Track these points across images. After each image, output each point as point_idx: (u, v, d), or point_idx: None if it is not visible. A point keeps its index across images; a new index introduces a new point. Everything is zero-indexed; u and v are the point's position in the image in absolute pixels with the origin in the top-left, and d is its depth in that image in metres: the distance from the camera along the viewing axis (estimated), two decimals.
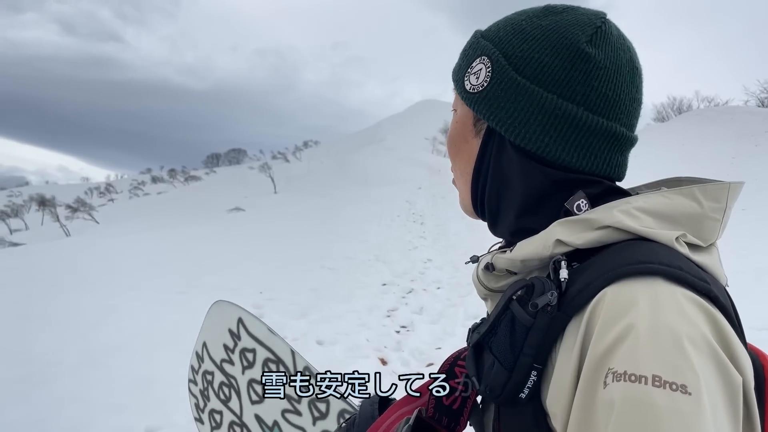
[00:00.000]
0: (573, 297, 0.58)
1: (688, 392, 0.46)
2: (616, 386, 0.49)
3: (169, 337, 4.92)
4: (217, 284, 7.00)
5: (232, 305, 1.53)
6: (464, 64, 0.78)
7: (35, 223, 41.30)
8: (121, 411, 3.57)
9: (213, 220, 18.55)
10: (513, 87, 0.70)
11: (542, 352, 0.59)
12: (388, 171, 34.97)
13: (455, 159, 0.82)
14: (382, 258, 9.57)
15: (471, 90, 0.75)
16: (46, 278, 7.12)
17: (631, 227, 0.61)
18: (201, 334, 1.61)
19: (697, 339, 0.50)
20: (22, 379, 3.92)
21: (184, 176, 65.43)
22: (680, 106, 43.14)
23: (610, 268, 0.57)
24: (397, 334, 5.45)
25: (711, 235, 0.65)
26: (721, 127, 24.65)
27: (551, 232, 0.66)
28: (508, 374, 0.60)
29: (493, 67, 0.72)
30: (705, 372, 0.48)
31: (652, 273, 0.55)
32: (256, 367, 1.42)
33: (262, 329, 1.44)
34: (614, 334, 0.51)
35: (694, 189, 0.65)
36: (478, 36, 0.78)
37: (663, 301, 0.52)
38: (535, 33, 0.71)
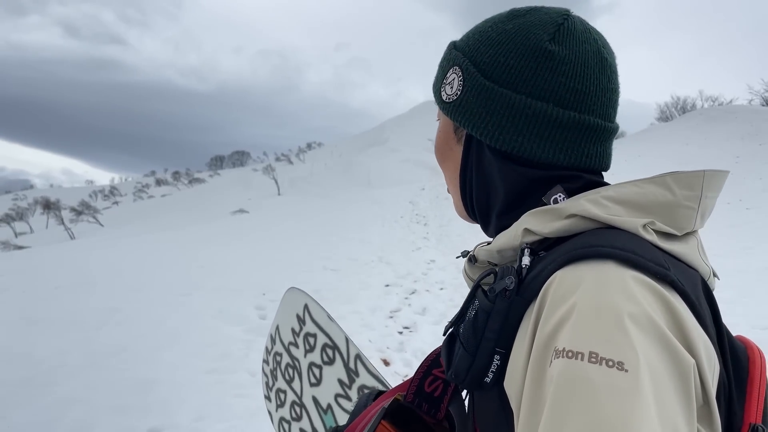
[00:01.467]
0: (530, 282, 0.60)
1: (624, 369, 0.46)
2: (557, 362, 0.50)
3: (173, 339, 4.94)
4: (220, 286, 7.00)
5: (301, 292, 1.60)
6: (440, 76, 0.82)
7: (40, 226, 41.46)
8: (125, 412, 3.58)
9: (217, 222, 18.58)
10: (483, 92, 0.73)
11: (504, 336, 0.61)
12: (392, 172, 34.96)
13: (443, 166, 0.86)
14: (385, 259, 9.58)
15: (447, 100, 0.79)
16: (51, 281, 7.14)
17: (597, 215, 0.62)
18: (276, 317, 1.70)
19: (640, 318, 0.50)
20: (27, 381, 3.94)
21: (188, 178, 65.52)
22: (684, 106, 43.04)
23: (564, 253, 0.59)
24: (399, 335, 5.45)
25: (686, 224, 0.65)
26: (726, 127, 24.58)
27: (521, 222, 0.68)
28: (471, 358, 0.62)
29: (464, 76, 0.76)
30: (647, 351, 0.48)
31: (602, 256, 0.56)
32: (316, 352, 1.50)
33: (323, 316, 1.51)
34: (559, 315, 0.53)
35: (667, 177, 0.65)
36: (451, 47, 0.82)
37: (609, 282, 0.53)
38: (500, 38, 0.73)
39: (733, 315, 5.38)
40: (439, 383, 0.86)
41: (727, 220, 10.57)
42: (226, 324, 5.46)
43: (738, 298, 5.94)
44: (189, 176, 67.48)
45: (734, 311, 5.49)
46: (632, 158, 21.95)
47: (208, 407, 3.67)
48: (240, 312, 5.85)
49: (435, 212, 17.20)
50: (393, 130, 62.07)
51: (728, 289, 6.35)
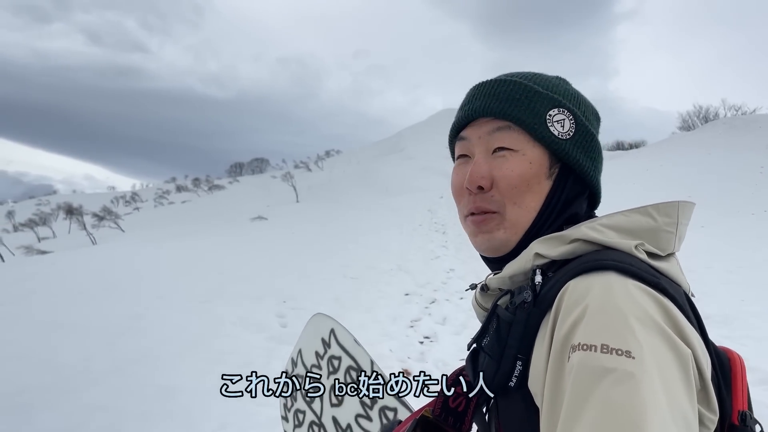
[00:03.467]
0: (544, 294, 0.71)
1: (632, 356, 0.55)
2: (574, 356, 0.59)
3: (194, 346, 4.96)
4: (240, 293, 7.04)
5: (328, 317, 1.68)
6: (536, 111, 0.86)
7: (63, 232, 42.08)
8: (148, 419, 3.59)
9: (236, 229, 18.72)
10: (590, 135, 0.88)
11: (524, 344, 0.70)
12: (410, 180, 34.98)
13: (523, 197, 0.85)
14: (405, 267, 9.55)
15: (561, 137, 0.86)
16: (73, 286, 7.23)
17: (596, 238, 0.74)
18: (298, 342, 1.77)
19: (642, 316, 0.60)
20: (51, 386, 3.97)
21: (208, 185, 66.12)
22: (706, 115, 42.56)
23: (572, 268, 0.70)
24: (420, 345, 5.42)
25: (667, 246, 0.77)
26: (749, 136, 24.23)
27: (531, 248, 0.79)
28: (496, 365, 0.72)
29: (575, 118, 0.87)
30: (650, 342, 0.57)
31: (605, 268, 0.67)
32: (340, 373, 1.56)
33: (349, 340, 1.58)
34: (573, 317, 0.62)
35: (648, 207, 0.78)
36: (535, 87, 0.88)
37: (613, 288, 0.63)
38: (579, 97, 0.92)
39: (761, 329, 5.27)
40: (461, 399, 0.93)
41: (752, 231, 10.39)
42: (247, 331, 5.48)
43: (765, 312, 5.82)
44: (209, 183, 68.08)
45: (762, 325, 5.38)
46: (654, 168, 21.72)
47: (231, 416, 3.67)
48: (261, 320, 5.86)
49: (454, 221, 17.12)
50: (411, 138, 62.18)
51: (755, 302, 6.23)
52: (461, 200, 0.92)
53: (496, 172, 0.85)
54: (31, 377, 4.10)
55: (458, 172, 0.93)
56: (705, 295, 6.60)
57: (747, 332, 5.22)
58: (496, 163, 0.86)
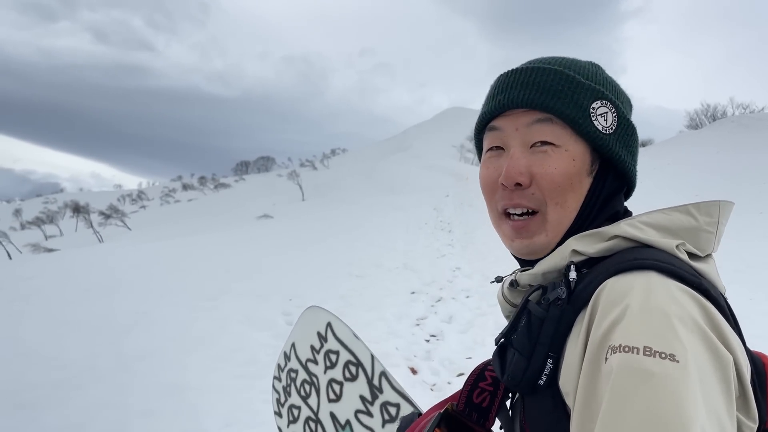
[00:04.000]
0: (579, 292, 0.68)
1: (676, 360, 0.53)
2: (614, 357, 0.56)
3: (201, 344, 4.97)
4: (246, 291, 7.04)
5: (324, 311, 1.65)
6: (579, 103, 0.81)
7: (69, 230, 42.28)
8: (154, 416, 3.60)
9: (242, 227, 18.75)
10: (631, 128, 0.85)
11: (556, 342, 0.68)
12: (416, 178, 34.96)
13: (566, 196, 0.80)
14: (411, 266, 9.53)
15: (605, 131, 0.81)
16: (81, 284, 7.25)
17: (636, 236, 0.71)
18: (291, 335, 1.74)
19: (685, 318, 0.58)
20: (58, 383, 3.99)
21: (214, 183, 66.32)
22: (714, 113, 42.31)
23: (610, 266, 0.68)
24: (426, 343, 5.40)
25: (707, 246, 0.75)
26: (758, 135, 24.05)
27: (568, 245, 0.76)
28: (526, 362, 0.70)
29: (617, 111, 0.82)
30: (693, 345, 0.55)
31: (646, 267, 0.64)
32: (338, 368, 1.53)
33: (348, 333, 1.54)
34: (612, 317, 0.60)
35: (689, 206, 0.75)
36: (577, 78, 0.82)
37: (655, 288, 0.61)
38: (615, 84, 0.87)
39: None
40: (486, 395, 0.90)
41: (760, 231, 10.32)
42: (253, 329, 5.48)
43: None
44: (215, 181, 68.28)
45: None
46: (661, 166, 21.60)
47: (237, 413, 3.67)
48: (267, 317, 5.86)
49: (460, 219, 17.09)
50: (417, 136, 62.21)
51: (764, 301, 6.18)
52: (494, 195, 0.85)
53: (537, 169, 0.79)
54: (37, 375, 4.12)
55: (489, 165, 0.86)
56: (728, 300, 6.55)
57: (755, 332, 5.17)
58: (536, 158, 0.80)
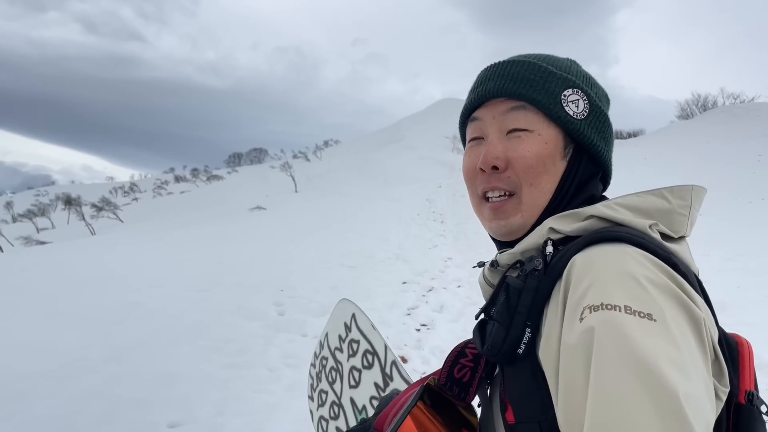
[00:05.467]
0: (555, 263, 0.71)
1: (653, 319, 0.57)
2: (593, 315, 0.59)
3: (192, 334, 4.98)
4: (238, 282, 7.05)
5: (351, 303, 1.74)
6: (551, 91, 0.86)
7: (61, 222, 42.07)
8: (145, 406, 3.61)
9: (235, 219, 18.72)
10: (603, 116, 0.89)
11: (534, 311, 0.70)
12: (408, 170, 34.93)
13: (540, 177, 0.85)
14: (402, 256, 9.56)
15: (576, 117, 0.86)
16: (72, 276, 7.24)
17: (611, 215, 0.75)
18: (326, 325, 1.83)
19: (657, 281, 0.62)
20: (49, 374, 3.99)
21: (207, 175, 66.03)
22: (705, 103, 42.48)
23: (584, 238, 0.71)
24: (417, 333, 5.44)
25: (680, 228, 0.79)
26: (748, 124, 24.19)
27: (545, 224, 0.79)
28: (505, 331, 0.71)
29: (589, 99, 0.88)
30: (667, 305, 0.59)
31: (617, 239, 0.68)
32: (358, 356, 1.62)
33: (368, 324, 1.64)
34: (587, 282, 0.63)
35: (663, 190, 0.80)
36: (549, 68, 0.88)
37: (625, 256, 0.65)
38: (591, 78, 0.93)
39: (757, 315, 5.29)
40: (466, 371, 0.93)
41: (749, 219, 10.41)
42: (244, 320, 5.50)
43: (761, 298, 5.85)
44: (207, 173, 67.98)
45: (758, 311, 5.41)
46: (652, 156, 21.68)
47: (228, 402, 3.69)
48: (258, 308, 5.88)
49: (452, 210, 17.12)
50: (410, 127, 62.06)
51: (752, 288, 6.26)
52: (474, 181, 0.91)
53: (512, 153, 0.84)
54: (29, 365, 4.12)
55: (471, 154, 0.91)
56: (702, 282, 6.61)
57: (743, 318, 5.24)
58: (511, 143, 0.85)
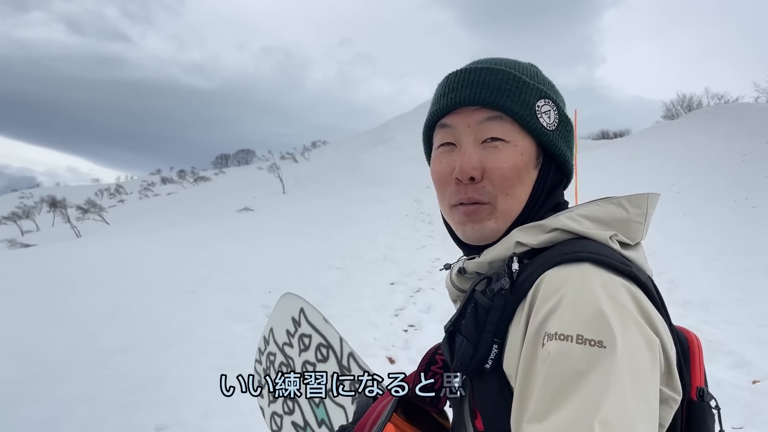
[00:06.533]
0: (521, 283, 0.75)
1: (603, 346, 0.59)
2: (550, 344, 0.62)
3: (179, 337, 4.96)
4: (226, 284, 7.03)
5: (297, 297, 1.74)
6: (526, 102, 0.87)
7: (46, 225, 41.61)
8: (132, 409, 3.60)
9: (222, 221, 18.62)
10: (570, 125, 0.92)
11: (500, 328, 0.73)
12: (396, 170, 34.90)
13: (515, 188, 0.86)
14: (390, 257, 9.56)
15: (549, 128, 0.88)
16: (57, 279, 7.18)
17: (574, 228, 0.78)
18: (269, 321, 1.83)
19: (614, 307, 0.64)
20: (34, 378, 3.96)
21: (194, 177, 65.56)
22: (690, 104, 42.88)
23: (549, 258, 0.74)
24: (404, 333, 5.46)
25: (636, 235, 0.83)
26: (732, 125, 24.41)
27: (512, 236, 0.82)
28: (474, 348, 0.74)
29: (558, 109, 0.90)
30: (622, 332, 0.61)
31: (581, 260, 0.70)
32: (311, 351, 1.63)
33: (319, 318, 1.65)
34: (549, 306, 0.66)
35: (621, 199, 0.83)
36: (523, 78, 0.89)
37: (588, 279, 0.67)
38: (552, 84, 0.95)
39: (740, 314, 5.36)
40: (438, 377, 0.97)
41: (733, 219, 10.52)
42: (232, 322, 5.49)
43: (744, 297, 5.91)
44: (194, 174, 67.52)
45: (741, 310, 5.47)
46: (638, 157, 21.86)
47: (215, 404, 3.68)
48: (246, 310, 5.87)
49: (439, 210, 17.13)
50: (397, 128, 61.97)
51: (734, 288, 6.32)
52: (446, 189, 0.90)
53: (489, 163, 0.84)
54: (13, 369, 4.09)
55: (442, 160, 0.90)
56: (686, 281, 6.69)
57: (726, 317, 5.31)
58: (487, 153, 0.85)
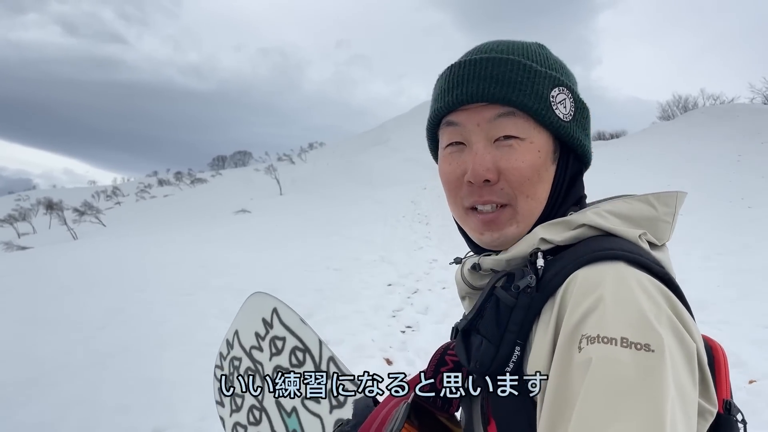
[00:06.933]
0: (549, 280, 0.69)
1: (651, 350, 0.55)
2: (591, 348, 0.57)
3: (176, 339, 4.95)
4: (223, 286, 7.01)
5: (269, 296, 1.58)
6: (540, 93, 0.79)
7: (43, 227, 41.50)
8: (128, 412, 3.59)
9: (219, 222, 18.61)
10: (586, 111, 0.85)
11: (524, 329, 0.68)
12: (393, 172, 34.92)
13: (535, 188, 0.80)
14: (388, 258, 9.57)
15: (564, 119, 0.81)
16: (54, 281, 7.16)
17: (602, 225, 0.73)
18: (234, 322, 1.68)
19: (655, 310, 0.60)
20: (30, 381, 3.95)
21: (191, 179, 65.36)
22: (686, 105, 42.98)
23: (581, 255, 0.68)
24: (402, 334, 5.46)
25: (664, 236, 0.78)
26: (727, 125, 24.49)
27: (535, 233, 0.77)
28: (495, 349, 0.69)
29: (574, 96, 0.83)
30: (665, 335, 0.57)
31: (616, 258, 0.66)
32: (284, 355, 1.47)
33: (295, 319, 1.48)
34: (585, 306, 0.61)
35: (649, 196, 0.78)
36: (533, 66, 0.80)
37: (626, 279, 0.63)
38: (563, 65, 0.87)
39: (736, 314, 5.37)
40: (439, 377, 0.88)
41: (728, 219, 10.56)
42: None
43: (741, 297, 5.93)
44: (191, 176, 67.33)
45: (737, 310, 5.48)
46: (634, 157, 21.91)
47: (212, 407, 3.67)
48: None
49: (437, 212, 17.14)
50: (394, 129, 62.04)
51: (731, 287, 6.34)
52: (458, 192, 0.84)
53: (504, 164, 0.78)
54: (9, 372, 4.07)
55: (452, 161, 0.83)
56: (683, 281, 6.47)
57: (722, 317, 5.32)
58: (502, 153, 0.78)
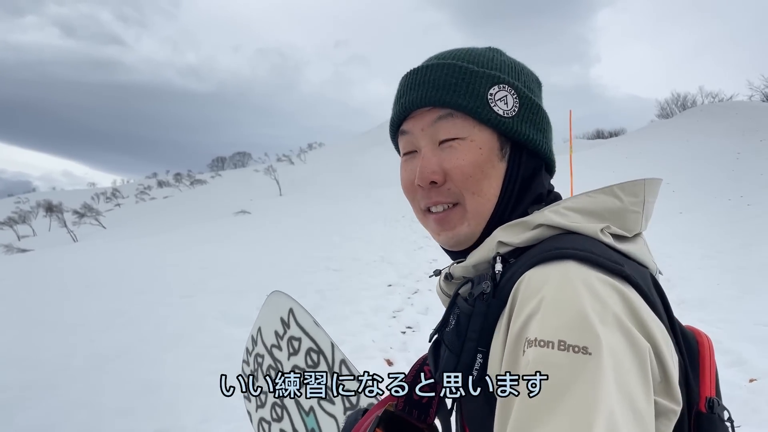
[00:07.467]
0: (503, 285, 0.69)
1: (588, 353, 0.53)
2: (530, 351, 0.57)
3: (177, 341, 4.95)
4: (223, 287, 7.01)
5: (286, 296, 1.64)
6: (476, 92, 0.81)
7: (43, 229, 41.48)
8: (129, 415, 3.59)
9: (219, 224, 18.59)
10: (535, 107, 0.85)
11: (484, 336, 0.68)
12: (393, 172, 34.79)
13: (480, 184, 0.81)
14: (388, 259, 9.56)
15: (505, 115, 0.81)
16: (54, 284, 7.16)
17: (560, 223, 0.71)
18: (257, 320, 1.73)
19: (600, 309, 0.57)
20: (31, 384, 3.95)
21: (190, 180, 65.29)
22: (684, 102, 43.04)
23: (531, 257, 0.68)
24: (402, 335, 5.46)
25: (634, 226, 0.76)
26: (726, 123, 24.53)
27: (494, 236, 0.77)
28: (456, 358, 0.69)
29: (518, 93, 0.83)
30: (607, 336, 0.55)
31: (564, 257, 0.64)
32: (300, 355, 1.53)
33: (309, 320, 1.55)
34: (529, 309, 0.60)
35: (614, 187, 0.76)
36: (470, 67, 0.83)
37: (570, 279, 0.61)
38: (518, 66, 0.88)
39: (736, 312, 5.37)
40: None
41: (728, 217, 10.56)
42: (229, 325, 5.48)
43: (740, 295, 5.93)
44: (190, 177, 67.28)
45: (737, 308, 5.49)
46: (633, 155, 21.93)
47: (214, 409, 3.68)
48: (243, 313, 5.85)
49: None
50: None
51: (731, 286, 6.34)
52: (414, 196, 0.88)
53: (447, 164, 0.81)
54: (10, 375, 4.07)
55: (406, 168, 0.88)
56: (682, 280, 6.71)
57: (722, 315, 5.32)
58: (445, 154, 0.81)
